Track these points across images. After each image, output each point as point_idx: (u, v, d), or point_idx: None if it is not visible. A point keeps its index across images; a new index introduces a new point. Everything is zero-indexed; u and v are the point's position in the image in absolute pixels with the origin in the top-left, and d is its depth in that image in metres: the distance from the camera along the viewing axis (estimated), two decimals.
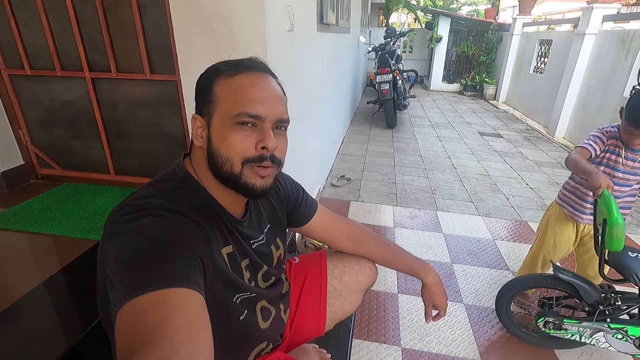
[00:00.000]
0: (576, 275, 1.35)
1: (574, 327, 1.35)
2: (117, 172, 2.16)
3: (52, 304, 1.26)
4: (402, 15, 15.41)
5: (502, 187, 3.23)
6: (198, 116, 0.69)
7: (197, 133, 0.69)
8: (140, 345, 0.44)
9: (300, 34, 1.86)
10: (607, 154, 1.35)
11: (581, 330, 1.34)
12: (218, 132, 0.65)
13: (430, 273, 1.05)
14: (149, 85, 1.90)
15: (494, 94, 7.73)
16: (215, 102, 0.66)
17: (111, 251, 0.57)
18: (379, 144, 4.45)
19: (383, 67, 4.84)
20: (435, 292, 1.05)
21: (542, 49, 6.08)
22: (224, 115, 0.65)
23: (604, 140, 1.33)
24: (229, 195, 0.73)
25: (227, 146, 0.65)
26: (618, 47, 3.95)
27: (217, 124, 0.65)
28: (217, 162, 0.66)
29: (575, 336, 1.36)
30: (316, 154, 2.70)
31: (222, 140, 0.65)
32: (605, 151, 1.34)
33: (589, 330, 1.33)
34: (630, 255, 1.23)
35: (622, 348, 1.32)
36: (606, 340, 1.33)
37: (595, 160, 1.37)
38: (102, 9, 1.77)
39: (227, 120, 0.64)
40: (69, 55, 1.92)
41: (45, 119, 2.13)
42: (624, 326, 1.28)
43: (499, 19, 9.24)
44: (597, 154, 1.35)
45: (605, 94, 4.07)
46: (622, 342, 1.31)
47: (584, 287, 1.31)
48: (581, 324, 1.33)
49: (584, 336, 1.35)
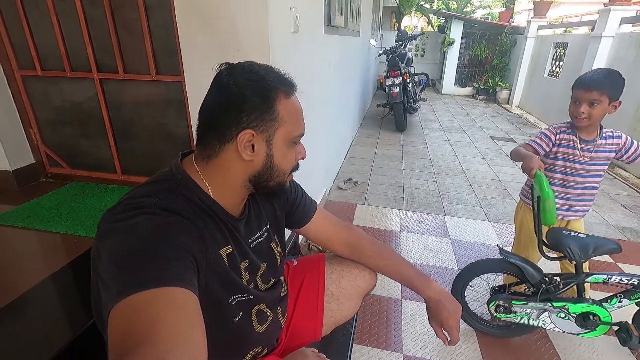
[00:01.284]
0: (521, 258, 1.39)
1: (522, 308, 1.39)
2: (123, 171, 2.19)
3: (56, 298, 1.28)
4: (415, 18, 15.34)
5: (513, 192, 3.15)
6: (252, 131, 0.67)
7: (245, 147, 0.67)
8: (134, 344, 0.43)
9: (306, 35, 1.85)
10: (561, 148, 1.39)
11: (529, 311, 1.39)
12: (281, 150, 0.71)
13: (431, 288, 0.95)
14: (154, 86, 1.91)
15: (507, 97, 7.60)
16: (279, 122, 0.69)
17: (104, 249, 0.57)
18: (387, 147, 4.41)
19: (393, 70, 4.81)
20: (439, 310, 0.93)
21: (557, 52, 5.96)
22: (287, 135, 0.71)
23: (551, 137, 1.38)
24: (231, 196, 0.73)
25: (287, 162, 0.74)
26: (636, 50, 3.83)
27: (280, 143, 0.70)
28: (272, 175, 0.72)
29: (524, 319, 1.40)
30: (322, 156, 2.69)
31: (284, 157, 0.72)
32: (559, 146, 1.39)
33: (536, 311, 1.38)
34: (564, 233, 1.31)
35: (566, 327, 1.38)
36: (551, 320, 1.38)
37: (550, 155, 1.42)
38: (110, 11, 1.80)
39: (288, 140, 0.71)
40: (78, 56, 1.96)
41: (55, 118, 2.17)
42: (565, 304, 1.33)
43: (513, 22, 9.10)
44: (544, 150, 1.40)
45: (623, 98, 3.92)
46: (565, 320, 1.36)
47: (528, 268, 1.36)
48: (528, 305, 1.38)
49: (531, 318, 1.40)
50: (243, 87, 0.66)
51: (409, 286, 1.00)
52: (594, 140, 1.35)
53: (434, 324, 0.97)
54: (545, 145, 1.39)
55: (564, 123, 1.40)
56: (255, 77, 0.67)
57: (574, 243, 1.26)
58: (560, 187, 1.43)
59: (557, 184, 1.42)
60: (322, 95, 2.51)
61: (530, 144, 1.40)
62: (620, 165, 3.87)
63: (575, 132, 1.36)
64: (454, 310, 0.93)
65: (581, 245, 1.26)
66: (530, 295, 1.40)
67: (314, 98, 2.21)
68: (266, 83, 0.67)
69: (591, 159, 1.36)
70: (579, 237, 1.29)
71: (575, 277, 1.33)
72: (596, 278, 1.31)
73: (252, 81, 0.67)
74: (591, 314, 1.32)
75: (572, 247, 1.26)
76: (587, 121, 1.31)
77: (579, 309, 1.33)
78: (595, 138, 1.36)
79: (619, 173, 3.68)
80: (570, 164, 1.38)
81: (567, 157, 1.38)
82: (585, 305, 1.33)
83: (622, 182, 3.45)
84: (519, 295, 1.43)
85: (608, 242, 1.28)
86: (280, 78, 0.70)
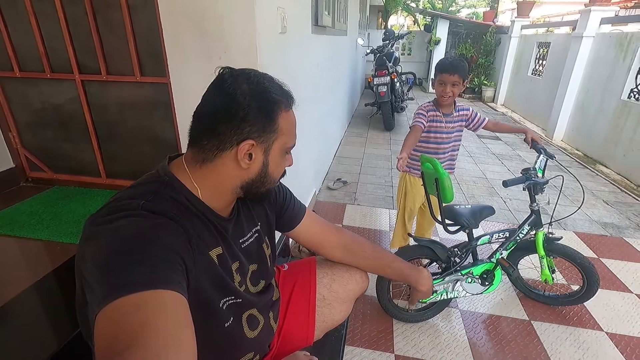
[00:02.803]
0: (430, 240, 1.62)
1: (440, 285, 1.58)
2: (107, 175, 2.14)
3: (38, 310, 1.24)
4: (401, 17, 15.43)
5: (500, 190, 3.20)
6: (253, 141, 0.67)
7: (245, 156, 0.68)
8: (121, 348, 0.43)
9: (293, 35, 1.84)
10: (432, 123, 1.71)
11: (446, 286, 1.59)
12: (275, 160, 0.73)
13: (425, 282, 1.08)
14: (139, 88, 1.87)
15: (493, 96, 7.73)
16: (278, 133, 0.70)
17: (89, 253, 0.56)
18: (376, 147, 4.43)
19: (381, 69, 4.83)
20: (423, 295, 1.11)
21: (540, 51, 6.08)
22: (283, 146, 0.73)
23: (425, 114, 1.69)
24: (221, 199, 0.73)
25: (279, 171, 0.77)
26: (616, 50, 3.93)
27: (276, 153, 0.72)
28: (264, 182, 0.74)
29: (443, 294, 1.59)
30: (312, 156, 2.68)
31: (277, 166, 0.75)
32: (430, 121, 1.71)
33: (451, 283, 1.59)
34: (458, 207, 1.54)
35: (474, 290, 1.61)
36: (463, 287, 1.59)
37: (425, 130, 1.72)
38: (92, 11, 1.74)
39: (283, 150, 0.74)
40: (59, 57, 1.90)
41: (35, 121, 2.10)
42: (469, 269, 1.57)
43: (497, 21, 9.24)
44: (424, 125, 1.70)
45: (604, 96, 4.06)
46: (472, 284, 1.60)
47: (437, 246, 1.56)
48: (445, 280, 1.56)
49: (448, 292, 1.59)
50: (249, 98, 0.66)
51: (404, 281, 1.10)
52: (451, 114, 1.72)
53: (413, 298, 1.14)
54: (425, 122, 1.70)
55: (429, 103, 1.73)
56: (260, 89, 0.67)
57: (467, 213, 1.51)
58: (434, 152, 1.75)
59: (432, 150, 1.76)
60: (311, 96, 2.50)
61: (418, 125, 1.67)
62: (602, 162, 3.97)
63: (439, 108, 1.71)
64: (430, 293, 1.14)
65: (472, 214, 1.51)
66: (443, 271, 1.58)
67: (303, 98, 2.20)
68: (270, 96, 0.68)
69: (452, 127, 1.74)
70: (467, 208, 1.54)
71: (469, 244, 1.56)
72: (483, 240, 1.58)
73: (257, 93, 0.67)
74: (487, 272, 1.60)
75: (466, 217, 1.49)
76: (450, 99, 1.66)
77: (480, 270, 1.59)
78: (452, 111, 1.73)
79: (601, 170, 3.78)
80: (439, 134, 1.73)
81: (437, 130, 1.73)
82: (483, 265, 1.59)
83: (604, 179, 3.55)
84: (434, 275, 1.59)
85: (485, 207, 1.57)
86: (282, 91, 0.71)
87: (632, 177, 3.50)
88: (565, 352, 1.54)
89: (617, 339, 1.62)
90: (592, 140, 4.22)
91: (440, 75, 1.63)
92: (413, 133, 1.66)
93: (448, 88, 1.63)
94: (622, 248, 2.34)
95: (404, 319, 1.68)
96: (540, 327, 1.67)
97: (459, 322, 1.70)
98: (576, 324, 1.69)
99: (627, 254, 2.27)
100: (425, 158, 1.43)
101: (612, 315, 1.76)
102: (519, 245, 1.63)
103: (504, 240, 1.60)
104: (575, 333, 1.64)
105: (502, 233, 1.60)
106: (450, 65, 1.61)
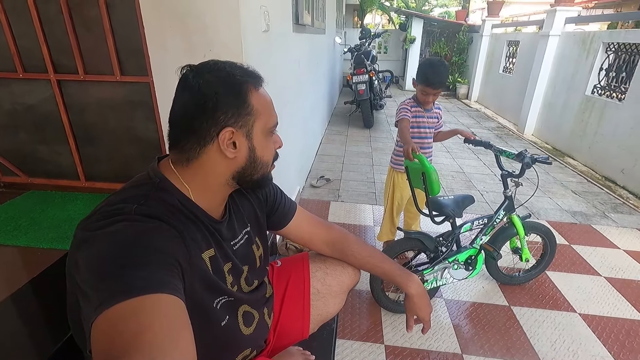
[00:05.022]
0: (418, 232, 1.69)
1: (430, 274, 1.64)
2: (87, 178, 2.07)
3: (19, 319, 1.19)
4: (377, 16, 15.61)
5: (477, 183, 3.33)
6: (232, 128, 0.66)
7: (228, 145, 0.67)
8: (120, 354, 0.43)
9: (276, 34, 1.85)
10: (416, 119, 1.83)
11: (436, 275, 1.65)
12: (261, 142, 0.72)
13: (414, 284, 1.00)
14: (119, 87, 1.83)
15: (466, 93, 7.96)
16: (254, 115, 0.69)
17: (83, 259, 0.55)
18: (357, 144, 4.48)
19: (359, 67, 4.88)
20: (417, 304, 0.99)
21: (510, 49, 6.31)
22: (264, 126, 0.71)
23: (409, 109, 1.80)
24: (212, 198, 0.73)
25: (268, 153, 0.75)
26: (580, 48, 4.15)
27: (259, 136, 0.71)
28: (255, 168, 0.73)
29: (433, 283, 1.65)
30: (295, 154, 2.69)
31: (265, 148, 0.73)
32: (414, 116, 1.82)
33: (440, 272, 1.65)
34: (442, 199, 1.61)
35: (460, 275, 1.69)
36: (450, 275, 1.67)
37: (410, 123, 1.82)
38: (67, 9, 1.69)
39: (266, 131, 0.72)
40: (32, 56, 1.82)
41: (7, 123, 2.01)
42: (455, 256, 1.65)
43: (469, 20, 9.52)
44: (411, 119, 1.81)
45: (569, 93, 4.28)
46: (458, 270, 1.67)
47: (426, 238, 1.62)
48: (434, 269, 1.63)
49: (438, 280, 1.66)
50: (214, 86, 0.65)
51: (391, 282, 1.03)
52: (430, 109, 1.85)
53: (409, 314, 1.03)
54: (409, 115, 1.80)
55: (410, 99, 1.85)
56: (223, 74, 0.67)
57: (451, 204, 1.59)
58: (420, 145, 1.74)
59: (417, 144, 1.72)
60: (295, 94, 2.51)
61: (406, 118, 1.77)
62: (569, 155, 4.19)
63: (421, 105, 1.83)
64: (427, 305, 1.01)
65: (456, 204, 1.60)
66: (432, 260, 1.65)
67: (287, 97, 2.21)
68: (235, 78, 0.67)
69: (432, 122, 1.87)
70: (450, 199, 1.63)
71: (453, 232, 1.65)
72: (465, 227, 1.66)
73: (221, 78, 0.66)
74: (470, 257, 1.69)
75: (451, 207, 1.58)
76: (432, 105, 1.83)
77: (464, 256, 1.67)
78: (431, 108, 1.86)
79: (568, 162, 3.99)
80: (423, 128, 1.86)
81: (420, 124, 1.85)
82: (466, 252, 1.68)
83: (572, 170, 3.74)
84: (423, 265, 1.67)
85: (466, 196, 1.68)
86: (246, 71, 0.70)
87: (597, 168, 3.71)
88: (543, 333, 1.64)
89: (589, 319, 1.73)
90: (560, 134, 4.43)
91: (425, 87, 1.72)
92: (404, 126, 1.74)
93: (430, 98, 1.77)
94: (591, 234, 2.49)
95: (395, 310, 1.72)
96: (519, 312, 1.76)
97: (444, 310, 1.77)
98: (552, 307, 1.80)
99: (595, 240, 2.42)
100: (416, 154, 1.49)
101: (583, 297, 1.87)
102: (500, 232, 1.75)
103: (482, 227, 1.70)
104: (551, 315, 1.74)
105: (481, 219, 1.70)
106: (437, 82, 1.70)
